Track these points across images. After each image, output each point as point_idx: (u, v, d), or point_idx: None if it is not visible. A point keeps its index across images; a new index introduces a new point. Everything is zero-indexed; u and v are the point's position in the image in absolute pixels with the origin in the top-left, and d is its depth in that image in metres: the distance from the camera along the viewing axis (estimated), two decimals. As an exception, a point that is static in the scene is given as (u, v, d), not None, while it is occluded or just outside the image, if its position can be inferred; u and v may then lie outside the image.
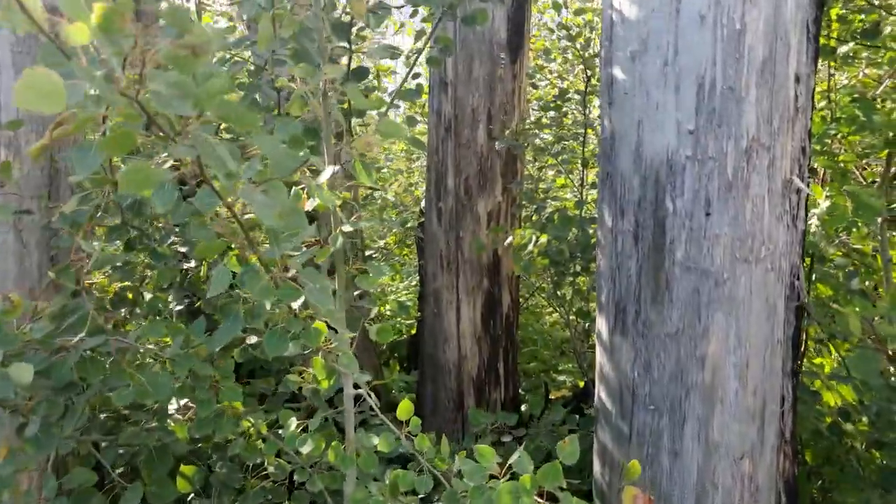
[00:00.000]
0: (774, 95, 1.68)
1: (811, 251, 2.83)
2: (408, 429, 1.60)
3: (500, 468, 1.41)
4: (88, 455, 1.84)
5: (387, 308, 5.27)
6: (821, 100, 3.08)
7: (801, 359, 2.04)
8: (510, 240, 2.76)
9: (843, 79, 3.57)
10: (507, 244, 2.80)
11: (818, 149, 2.69)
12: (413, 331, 4.90)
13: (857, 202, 2.44)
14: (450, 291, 3.69)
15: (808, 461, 2.84)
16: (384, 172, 4.90)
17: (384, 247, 5.49)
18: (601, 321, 2.05)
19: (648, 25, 1.75)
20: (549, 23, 3.54)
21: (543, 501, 1.37)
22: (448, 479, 1.51)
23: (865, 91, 3.21)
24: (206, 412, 1.55)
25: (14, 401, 1.50)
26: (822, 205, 2.55)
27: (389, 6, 2.17)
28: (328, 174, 1.41)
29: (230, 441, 1.89)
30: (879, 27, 2.73)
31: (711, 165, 1.70)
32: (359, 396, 1.69)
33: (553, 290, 3.12)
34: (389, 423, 1.63)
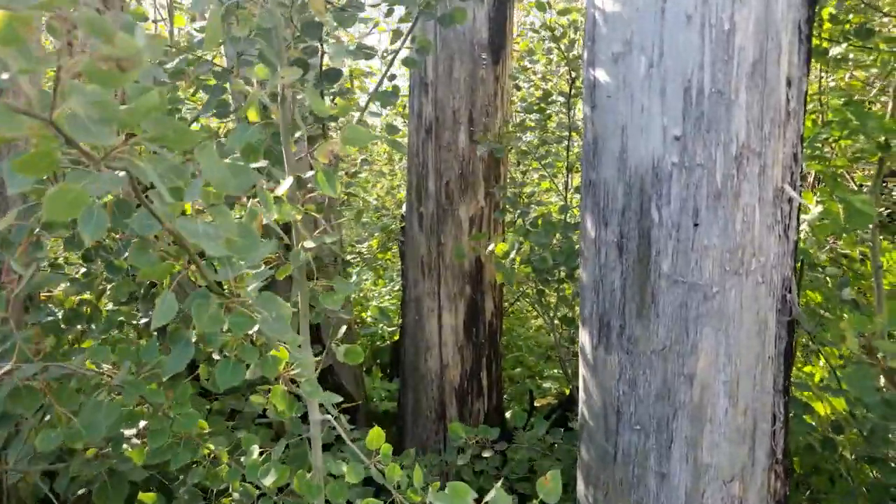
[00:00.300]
0: (765, 99, 1.59)
1: (801, 257, 2.75)
2: (378, 457, 1.50)
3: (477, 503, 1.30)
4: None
5: (368, 314, 5.16)
6: (811, 102, 3.00)
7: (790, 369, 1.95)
8: (491, 247, 2.65)
9: (831, 81, 3.50)
10: (489, 251, 2.70)
11: (809, 153, 2.61)
12: (396, 336, 4.80)
13: (850, 209, 2.36)
14: (431, 298, 3.59)
15: (797, 470, 2.76)
16: (361, 177, 4.78)
17: (366, 251, 5.38)
18: (584, 335, 1.95)
19: (632, 25, 1.65)
20: (535, 23, 3.44)
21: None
22: (420, 512, 1.41)
23: (854, 94, 3.14)
24: (160, 443, 1.43)
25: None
26: (814, 210, 2.47)
27: (362, 4, 2.06)
28: (286, 185, 1.30)
29: (194, 463, 1.78)
30: (865, 27, 2.65)
31: (699, 173, 1.61)
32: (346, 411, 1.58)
33: (537, 298, 3.03)
34: (358, 451, 1.52)
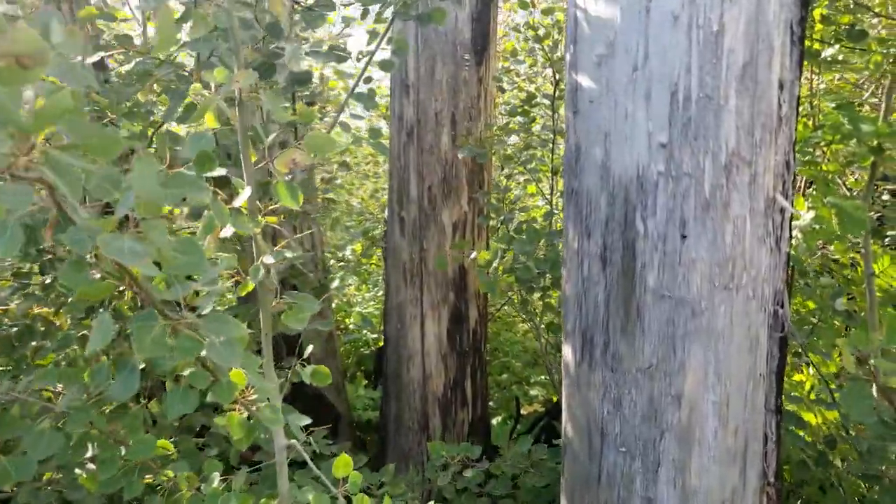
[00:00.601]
0: (756, 104, 1.50)
1: (792, 264, 2.67)
2: (345, 486, 1.40)
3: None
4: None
5: (350, 321, 5.06)
6: (801, 104, 2.93)
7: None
8: (474, 255, 2.56)
9: (821, 84, 3.43)
10: (472, 259, 2.61)
11: (800, 157, 2.53)
12: (380, 343, 4.70)
13: (843, 215, 2.29)
14: (414, 306, 3.49)
15: (788, 479, 2.68)
16: (337, 182, 4.67)
17: (351, 255, 5.27)
18: (567, 350, 1.86)
19: (616, 26, 1.57)
20: (520, 23, 3.35)
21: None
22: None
23: (845, 96, 3.07)
24: (110, 473, 1.33)
25: None
26: (805, 217, 2.40)
27: (333, 3, 1.96)
28: (244, 196, 1.21)
29: (153, 489, 1.67)
30: (858, 29, 2.58)
31: (687, 182, 1.52)
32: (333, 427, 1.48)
33: (522, 307, 2.94)
34: (324, 479, 1.42)
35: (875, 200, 3.39)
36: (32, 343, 1.80)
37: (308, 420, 1.66)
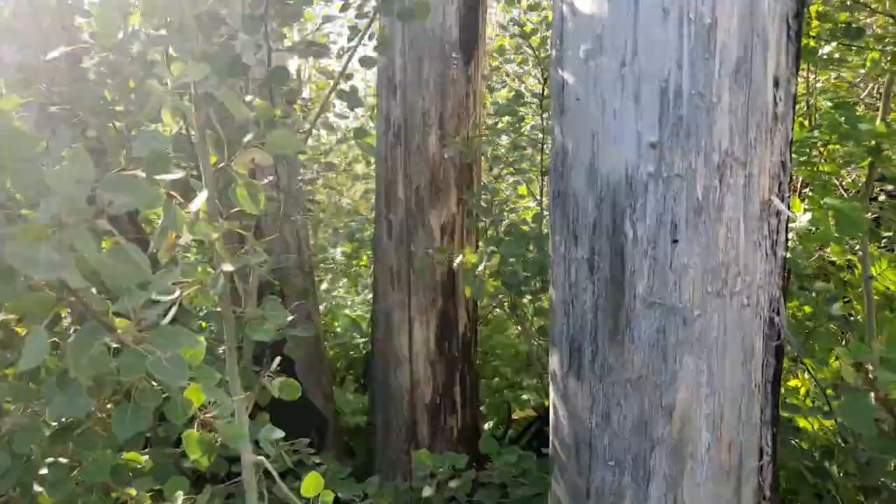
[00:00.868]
0: (751, 102, 1.43)
1: (788, 268, 2.60)
2: (316, 507, 1.32)
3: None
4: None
5: (338, 324, 4.97)
6: (798, 103, 2.86)
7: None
8: (460, 259, 2.48)
9: (818, 82, 3.36)
10: (458, 263, 2.53)
11: (796, 158, 2.46)
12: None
13: (841, 217, 2.21)
14: (401, 311, 3.41)
15: (782, 485, 2.61)
16: (319, 184, 4.58)
17: (341, 257, 5.18)
18: (554, 359, 1.78)
19: (603, 20, 1.49)
20: (507, 20, 3.27)
21: None
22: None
23: (842, 95, 3.00)
24: (61, 495, 1.25)
25: None
26: (801, 219, 2.32)
27: (310, -3, 1.88)
28: (200, 199, 1.12)
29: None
30: (855, 26, 2.50)
31: (678, 184, 1.44)
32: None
33: (511, 312, 2.86)
34: (294, 499, 1.34)
35: (871, 201, 3.32)
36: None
37: (282, 434, 1.57)
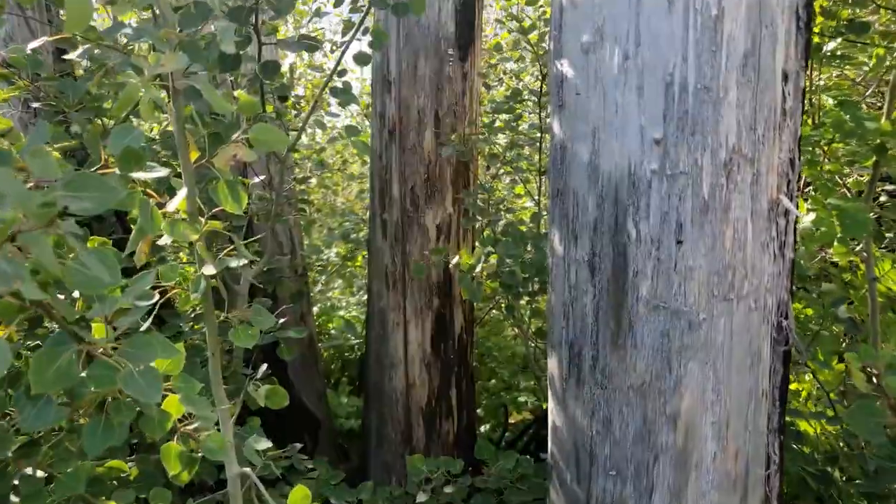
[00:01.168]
0: (759, 97, 1.37)
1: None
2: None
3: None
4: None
5: (332, 325, 4.90)
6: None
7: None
8: (456, 259, 2.42)
9: (819, 79, 3.30)
10: (454, 263, 2.46)
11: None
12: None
13: (846, 217, 2.15)
14: (396, 312, 3.34)
15: (784, 491, 2.55)
16: (312, 183, 4.51)
17: (335, 258, 5.10)
18: (553, 363, 1.72)
19: (604, 10, 1.42)
20: (504, 15, 3.20)
21: None
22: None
23: (846, 92, 2.94)
24: (33, 510, 1.18)
25: None
26: (805, 219, 2.26)
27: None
28: (178, 198, 1.06)
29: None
30: (861, 22, 2.44)
31: (683, 182, 1.38)
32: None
33: (509, 313, 2.79)
34: (281, 513, 1.27)
35: (874, 201, 3.26)
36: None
37: (269, 444, 1.51)
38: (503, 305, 2.76)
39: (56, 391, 0.87)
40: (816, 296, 2.64)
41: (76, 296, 1.24)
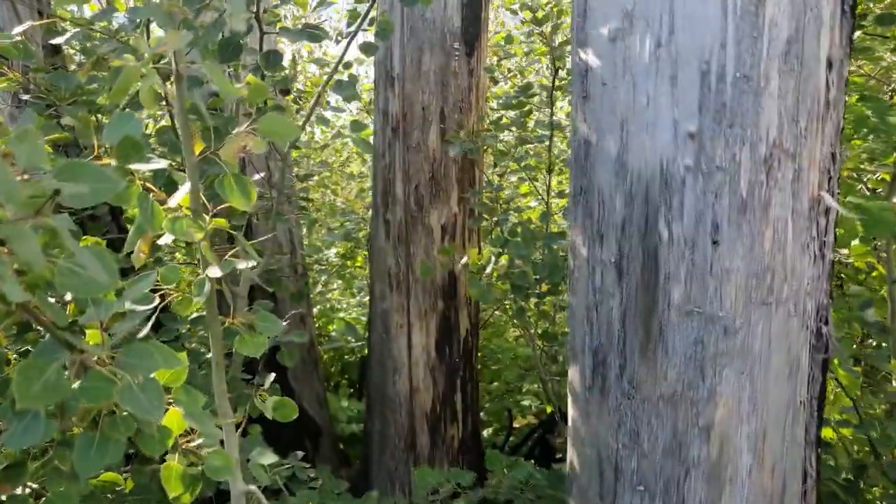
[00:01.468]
0: (802, 86, 1.28)
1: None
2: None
3: None
4: None
5: (333, 327, 4.80)
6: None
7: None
8: (465, 260, 2.32)
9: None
10: (463, 264, 2.37)
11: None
12: (366, 350, 4.44)
13: (869, 217, 2.07)
14: (400, 314, 3.24)
15: None
16: (314, 180, 4.41)
17: (336, 257, 5.01)
18: (574, 372, 1.62)
19: (635, -5, 1.33)
20: (517, 4, 3.10)
21: None
22: None
23: (871, 88, 2.86)
24: (21, 534, 1.09)
25: None
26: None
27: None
28: (182, 193, 0.96)
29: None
30: (889, 14, 2.36)
31: (720, 179, 1.29)
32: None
33: (517, 315, 2.70)
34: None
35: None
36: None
37: (274, 458, 1.41)
38: (510, 308, 2.67)
39: (45, 405, 0.77)
40: (846, 301, 2.56)
41: (67, 298, 1.14)
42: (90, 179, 0.71)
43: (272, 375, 1.25)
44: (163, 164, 0.99)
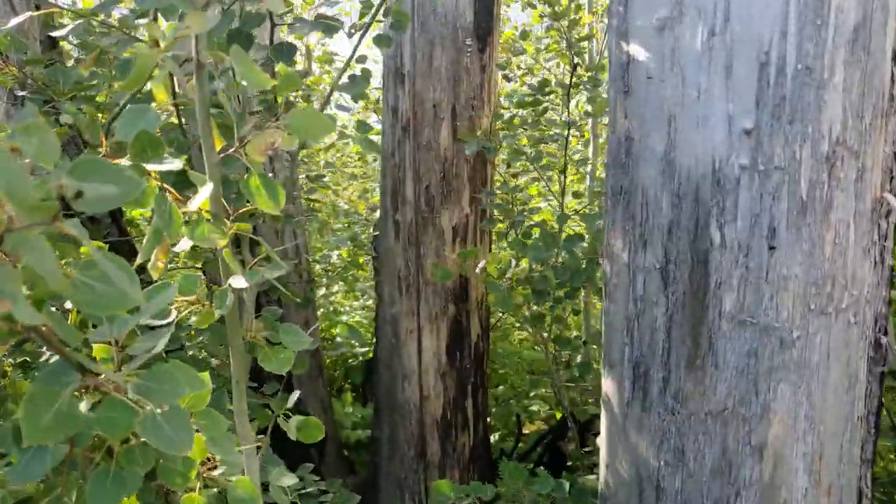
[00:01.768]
0: (867, 79, 1.18)
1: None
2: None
3: None
4: None
5: (336, 331, 4.69)
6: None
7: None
8: (483, 264, 2.23)
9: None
10: (481, 268, 2.27)
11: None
12: (370, 354, 4.34)
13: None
14: (409, 318, 3.14)
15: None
16: (325, 180, 4.31)
17: (337, 260, 4.90)
18: (611, 384, 1.53)
19: (685, -20, 1.24)
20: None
21: None
22: None
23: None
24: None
25: None
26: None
27: (323, -39, 1.62)
28: (203, 195, 0.86)
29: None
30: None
31: (778, 179, 1.20)
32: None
33: (533, 320, 2.60)
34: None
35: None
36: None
37: (295, 479, 1.31)
38: (527, 313, 2.57)
39: (57, 441, 0.67)
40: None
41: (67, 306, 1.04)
42: (111, 179, 0.61)
43: (296, 394, 1.15)
44: (179, 164, 0.89)
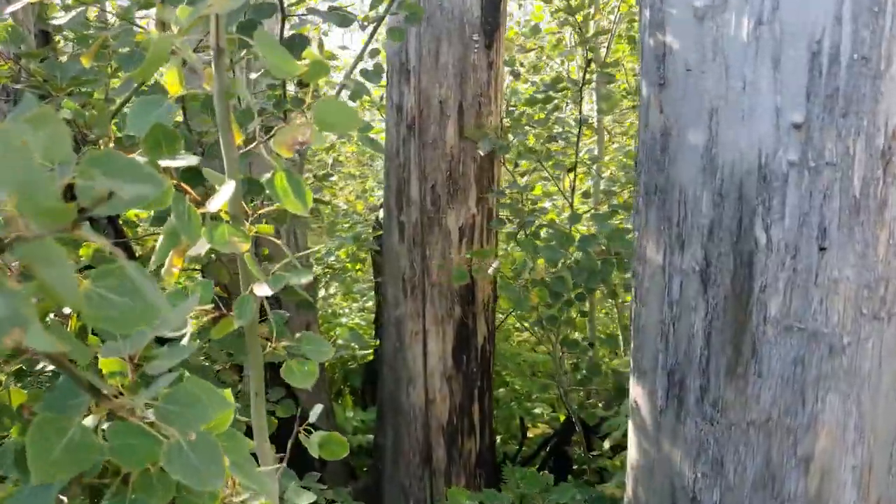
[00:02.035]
0: (924, 70, 1.11)
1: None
2: None
3: None
4: None
5: (336, 333, 4.61)
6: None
7: None
8: (497, 264, 2.15)
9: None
10: (495, 268, 2.19)
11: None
12: (370, 357, 4.25)
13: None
14: (414, 321, 3.06)
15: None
16: (332, 180, 4.23)
17: (336, 261, 4.81)
18: (641, 391, 1.45)
19: (729, -35, 1.16)
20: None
21: None
22: None
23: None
24: None
25: None
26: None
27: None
28: (225, 194, 0.78)
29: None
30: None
31: (829, 176, 1.13)
32: None
33: (546, 322, 2.52)
34: None
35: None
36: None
37: (313, 497, 1.24)
38: (540, 315, 2.50)
39: (69, 476, 0.59)
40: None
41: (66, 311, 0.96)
42: (133, 176, 0.53)
43: (319, 407, 1.07)
44: (194, 160, 0.81)
